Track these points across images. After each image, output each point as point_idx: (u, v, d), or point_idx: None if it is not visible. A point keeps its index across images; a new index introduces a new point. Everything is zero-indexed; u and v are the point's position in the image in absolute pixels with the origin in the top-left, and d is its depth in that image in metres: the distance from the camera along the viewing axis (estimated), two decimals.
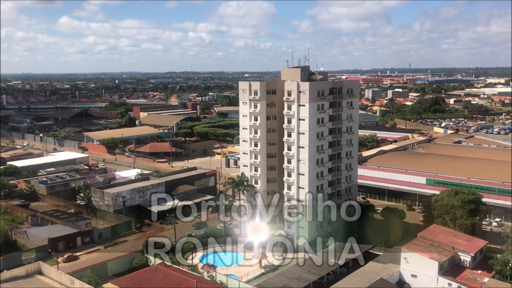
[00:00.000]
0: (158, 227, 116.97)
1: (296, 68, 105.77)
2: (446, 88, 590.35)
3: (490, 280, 79.45)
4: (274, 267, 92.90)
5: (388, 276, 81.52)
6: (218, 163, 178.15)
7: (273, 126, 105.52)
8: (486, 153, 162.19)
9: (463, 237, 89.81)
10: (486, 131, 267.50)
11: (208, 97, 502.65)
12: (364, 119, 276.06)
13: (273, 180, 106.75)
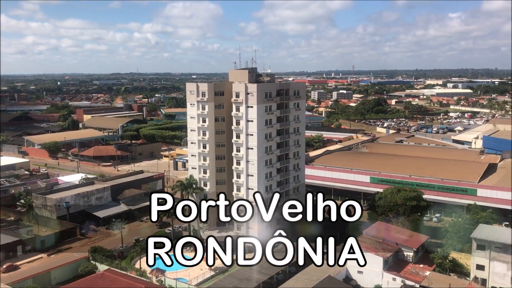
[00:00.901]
0: (105, 233, 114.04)
1: (243, 70, 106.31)
2: (388, 90, 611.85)
3: (431, 273, 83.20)
4: (224, 269, 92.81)
5: (336, 273, 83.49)
6: (165, 166, 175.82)
7: (221, 128, 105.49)
8: (426, 152, 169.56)
9: (406, 233, 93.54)
10: (426, 131, 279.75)
11: (154, 99, 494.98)
12: (310, 120, 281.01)
13: (222, 182, 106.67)
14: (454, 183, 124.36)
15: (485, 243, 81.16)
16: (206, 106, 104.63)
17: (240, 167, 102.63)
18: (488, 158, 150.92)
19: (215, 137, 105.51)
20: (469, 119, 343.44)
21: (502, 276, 79.54)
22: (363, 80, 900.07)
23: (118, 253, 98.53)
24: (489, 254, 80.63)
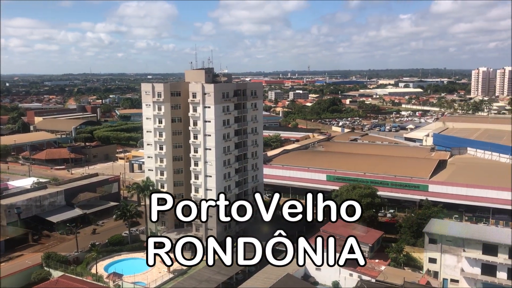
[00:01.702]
0: (59, 238, 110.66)
1: (200, 70, 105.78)
2: (343, 90, 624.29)
3: (387, 267, 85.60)
4: (183, 271, 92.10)
5: (294, 271, 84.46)
6: (121, 168, 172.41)
7: (178, 129, 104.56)
8: (380, 150, 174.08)
9: (362, 229, 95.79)
10: (379, 129, 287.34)
11: (109, 100, 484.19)
12: (268, 120, 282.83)
13: (180, 183, 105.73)
14: (406, 179, 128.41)
15: (436, 237, 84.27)
16: (162, 107, 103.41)
17: (198, 168, 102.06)
18: (438, 155, 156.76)
19: (172, 138, 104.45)
20: (420, 117, 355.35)
21: (452, 268, 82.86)
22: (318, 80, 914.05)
23: (73, 259, 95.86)
24: (441, 247, 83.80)
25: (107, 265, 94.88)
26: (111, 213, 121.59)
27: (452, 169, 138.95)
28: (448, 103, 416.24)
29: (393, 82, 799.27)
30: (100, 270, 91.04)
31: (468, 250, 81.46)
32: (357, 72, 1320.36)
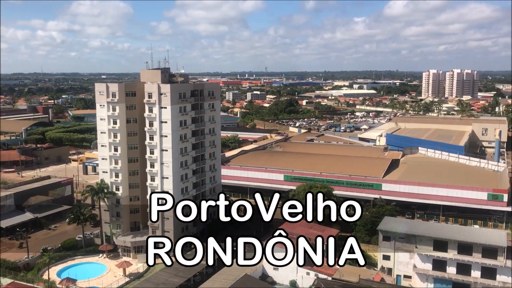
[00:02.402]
0: (8, 244, 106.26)
1: (156, 70, 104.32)
2: (299, 91, 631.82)
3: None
4: (139, 274, 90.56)
5: (252, 271, 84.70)
6: (74, 170, 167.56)
7: (133, 130, 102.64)
8: (335, 150, 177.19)
9: (318, 228, 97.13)
10: (334, 130, 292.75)
11: (61, 100, 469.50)
12: (225, 121, 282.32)
13: (135, 185, 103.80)
14: (361, 178, 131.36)
15: (390, 234, 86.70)
16: (117, 107, 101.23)
17: (154, 170, 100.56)
18: (391, 155, 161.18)
19: (127, 139, 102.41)
20: (374, 118, 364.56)
21: (405, 265, 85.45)
22: (275, 81, 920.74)
23: (23, 265, 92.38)
24: (394, 244, 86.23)
25: (60, 270, 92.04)
26: (64, 216, 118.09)
27: (404, 168, 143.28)
28: (400, 104, 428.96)
29: (348, 83, 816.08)
30: (52, 275, 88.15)
31: (420, 247, 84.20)
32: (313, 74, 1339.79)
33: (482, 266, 79.48)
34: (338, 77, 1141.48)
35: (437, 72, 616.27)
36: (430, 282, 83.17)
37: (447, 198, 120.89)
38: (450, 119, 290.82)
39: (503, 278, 77.93)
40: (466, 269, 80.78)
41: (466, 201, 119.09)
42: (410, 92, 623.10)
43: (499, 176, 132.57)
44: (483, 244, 79.89)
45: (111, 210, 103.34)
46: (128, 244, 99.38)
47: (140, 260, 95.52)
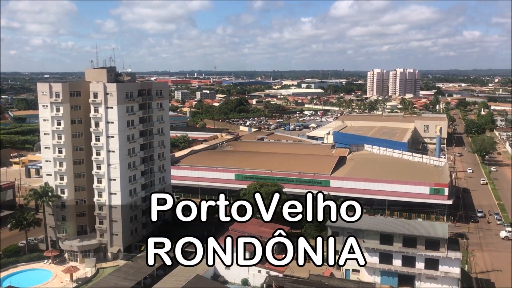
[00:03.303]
0: None
1: (101, 69, 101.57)
2: (249, 90, 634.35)
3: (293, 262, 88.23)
4: (87, 279, 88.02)
5: (204, 271, 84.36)
6: (16, 173, 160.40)
7: (79, 130, 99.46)
8: (285, 148, 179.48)
9: (269, 226, 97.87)
10: (284, 128, 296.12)
11: (1, 101, 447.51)
12: (175, 120, 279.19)
13: (81, 188, 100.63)
14: (310, 176, 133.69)
15: (338, 230, 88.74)
16: (60, 108, 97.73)
17: (101, 172, 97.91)
18: (338, 152, 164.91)
19: (72, 141, 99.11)
20: (321, 116, 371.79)
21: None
22: (225, 80, 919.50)
23: None
24: (342, 239, 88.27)
25: (2, 278, 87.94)
26: (6, 222, 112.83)
27: (351, 165, 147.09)
28: (347, 102, 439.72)
29: (296, 83, 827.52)
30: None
31: (367, 241, 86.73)
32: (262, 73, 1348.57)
33: (426, 257, 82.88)
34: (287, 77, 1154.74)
35: (381, 71, 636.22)
36: (377, 275, 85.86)
37: (392, 193, 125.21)
38: (393, 116, 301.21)
39: (445, 268, 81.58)
40: (410, 261, 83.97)
41: (410, 196, 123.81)
42: (356, 91, 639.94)
43: (440, 171, 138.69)
44: (426, 237, 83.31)
45: (56, 214, 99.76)
46: (75, 249, 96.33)
47: (88, 265, 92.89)
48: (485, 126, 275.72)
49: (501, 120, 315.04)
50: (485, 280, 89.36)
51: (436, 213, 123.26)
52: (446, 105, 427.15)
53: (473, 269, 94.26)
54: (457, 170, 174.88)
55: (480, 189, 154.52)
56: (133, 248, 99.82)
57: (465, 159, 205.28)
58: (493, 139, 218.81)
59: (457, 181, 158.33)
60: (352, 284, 79.85)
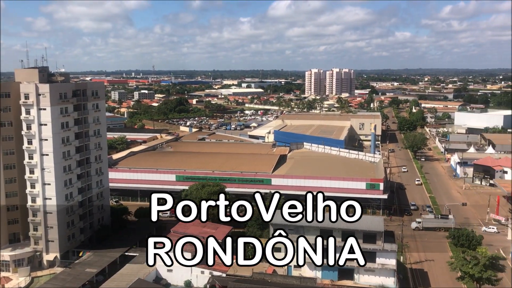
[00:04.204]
0: None
1: (33, 69, 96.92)
2: (189, 89, 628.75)
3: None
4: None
5: (145, 275, 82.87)
6: None
7: (9, 134, 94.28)
8: (227, 148, 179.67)
9: (212, 226, 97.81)
10: (225, 128, 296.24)
11: None
12: (112, 121, 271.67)
13: (13, 194, 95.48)
14: (251, 174, 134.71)
15: (280, 227, 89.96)
16: None
17: (35, 176, 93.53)
18: (279, 150, 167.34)
19: (1, 144, 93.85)
20: (262, 116, 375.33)
21: None
22: (164, 80, 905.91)
23: None
24: None
25: None
26: None
27: (292, 163, 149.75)
28: (286, 102, 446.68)
29: (236, 82, 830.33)
30: None
31: (308, 237, 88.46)
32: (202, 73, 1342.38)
33: (364, 250, 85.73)
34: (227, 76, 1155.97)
35: (318, 71, 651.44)
36: (318, 270, 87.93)
37: (330, 189, 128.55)
38: (331, 115, 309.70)
39: (381, 260, 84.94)
40: None
41: (348, 191, 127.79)
42: (295, 90, 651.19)
43: (375, 167, 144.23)
44: (363, 230, 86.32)
45: None
46: (7, 258, 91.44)
47: (22, 274, 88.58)
48: (416, 123, 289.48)
49: (430, 117, 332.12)
50: (419, 270, 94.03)
51: (373, 207, 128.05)
52: (380, 104, 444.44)
53: (408, 260, 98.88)
54: (391, 165, 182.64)
55: (414, 184, 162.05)
56: (70, 254, 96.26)
57: (398, 154, 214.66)
58: (424, 135, 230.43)
59: (391, 176, 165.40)
60: (294, 280, 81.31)
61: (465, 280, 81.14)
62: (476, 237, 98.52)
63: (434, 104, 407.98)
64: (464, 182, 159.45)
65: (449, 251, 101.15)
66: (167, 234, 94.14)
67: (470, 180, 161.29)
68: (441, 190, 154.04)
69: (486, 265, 78.43)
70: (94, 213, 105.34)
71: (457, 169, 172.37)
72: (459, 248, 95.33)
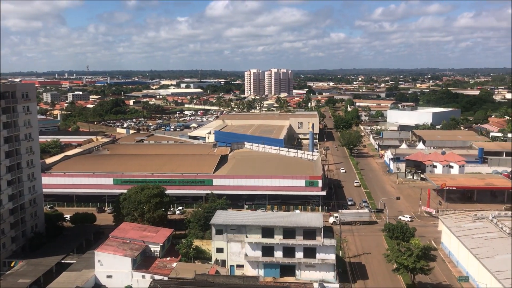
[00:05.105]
0: None
1: None
2: (125, 90, 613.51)
3: (178, 264, 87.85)
4: None
5: (84, 282, 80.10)
6: None
7: None
8: (166, 149, 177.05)
9: (152, 229, 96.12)
10: (164, 129, 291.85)
11: None
12: (44, 124, 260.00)
13: None
14: (193, 176, 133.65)
15: (222, 227, 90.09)
16: None
17: None
18: (220, 151, 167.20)
19: None
20: (202, 116, 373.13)
21: (238, 255, 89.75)
22: (99, 80, 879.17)
23: None
24: (226, 237, 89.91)
25: None
26: None
27: (233, 163, 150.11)
28: (226, 102, 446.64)
29: (175, 82, 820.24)
30: None
31: (250, 236, 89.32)
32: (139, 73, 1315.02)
33: (304, 247, 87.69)
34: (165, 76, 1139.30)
35: (257, 71, 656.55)
36: (261, 268, 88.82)
37: (271, 187, 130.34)
38: (270, 115, 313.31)
39: (321, 256, 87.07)
40: (291, 252, 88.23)
41: (288, 189, 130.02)
42: (234, 90, 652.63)
43: (313, 164, 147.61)
44: (304, 227, 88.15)
45: None
46: None
47: None
48: (352, 122, 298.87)
49: (365, 115, 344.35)
50: (357, 263, 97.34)
51: (312, 204, 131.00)
52: (317, 103, 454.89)
53: (347, 254, 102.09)
54: (328, 163, 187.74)
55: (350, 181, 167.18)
56: (1, 265, 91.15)
57: (335, 152, 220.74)
58: (359, 133, 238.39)
59: (329, 173, 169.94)
60: (237, 279, 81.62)
61: (400, 271, 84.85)
62: (409, 229, 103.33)
63: (368, 102, 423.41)
64: (397, 177, 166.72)
65: (385, 244, 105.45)
66: (105, 240, 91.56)
67: (402, 175, 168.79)
68: (376, 185, 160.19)
69: (419, 256, 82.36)
70: (26, 220, 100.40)
71: (391, 165, 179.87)
72: (394, 241, 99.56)
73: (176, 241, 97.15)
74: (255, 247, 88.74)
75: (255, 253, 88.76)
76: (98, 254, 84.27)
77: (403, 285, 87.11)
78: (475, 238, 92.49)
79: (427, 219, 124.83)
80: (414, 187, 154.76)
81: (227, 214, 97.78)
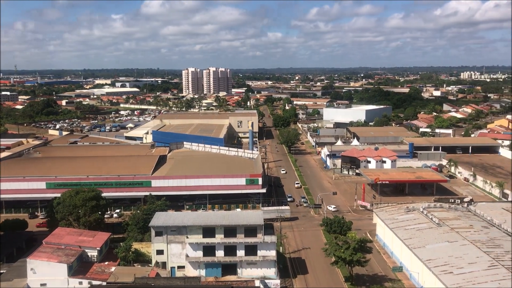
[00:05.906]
0: None
1: None
2: (57, 90, 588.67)
3: (117, 268, 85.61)
4: None
5: None
6: None
7: None
8: (102, 151, 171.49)
9: (88, 234, 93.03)
10: (99, 130, 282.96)
11: None
12: None
13: None
14: (130, 177, 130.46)
15: (162, 229, 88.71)
16: None
17: None
18: (158, 151, 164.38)
19: None
20: (139, 116, 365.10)
21: (178, 256, 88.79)
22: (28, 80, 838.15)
23: None
24: (166, 238, 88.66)
25: None
26: None
27: (172, 163, 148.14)
28: (164, 101, 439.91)
29: (110, 82, 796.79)
30: None
31: (191, 236, 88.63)
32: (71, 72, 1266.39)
33: (246, 244, 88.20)
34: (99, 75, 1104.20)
35: (195, 70, 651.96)
36: (202, 268, 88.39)
37: (212, 187, 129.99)
38: (210, 114, 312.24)
39: (262, 253, 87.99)
40: (232, 250, 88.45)
41: (229, 188, 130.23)
42: (172, 89, 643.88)
43: (254, 163, 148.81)
44: (244, 225, 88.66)
45: None
46: None
47: None
48: (290, 120, 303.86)
49: (302, 113, 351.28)
50: (298, 259, 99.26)
51: (253, 202, 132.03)
52: (256, 102, 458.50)
53: (287, 250, 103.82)
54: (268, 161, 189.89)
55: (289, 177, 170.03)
56: None
57: (274, 149, 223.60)
58: (296, 131, 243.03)
59: (269, 171, 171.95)
60: (178, 281, 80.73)
61: (339, 264, 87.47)
62: (346, 223, 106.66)
63: (304, 101, 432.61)
64: (334, 172, 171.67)
65: (324, 238, 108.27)
66: (38, 247, 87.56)
67: (339, 171, 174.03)
68: (314, 181, 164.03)
69: (356, 249, 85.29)
70: None
71: (327, 161, 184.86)
72: (332, 235, 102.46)
73: (114, 245, 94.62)
74: (196, 248, 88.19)
75: (196, 253, 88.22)
76: (31, 261, 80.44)
77: (341, 278, 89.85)
78: (407, 230, 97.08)
79: (363, 212, 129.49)
80: (349, 182, 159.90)
81: (167, 215, 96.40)
